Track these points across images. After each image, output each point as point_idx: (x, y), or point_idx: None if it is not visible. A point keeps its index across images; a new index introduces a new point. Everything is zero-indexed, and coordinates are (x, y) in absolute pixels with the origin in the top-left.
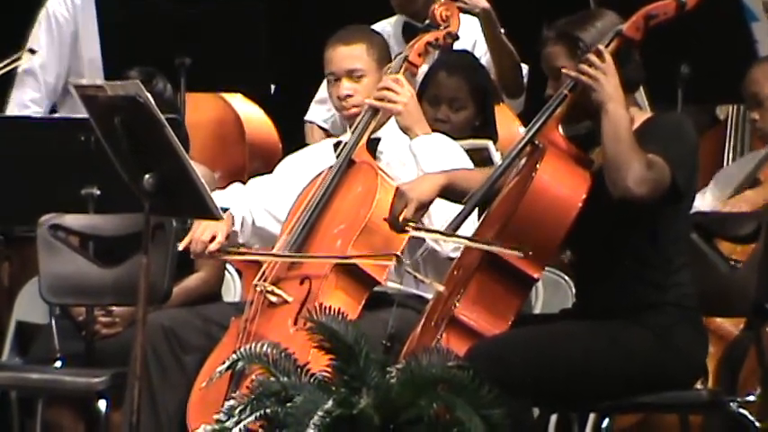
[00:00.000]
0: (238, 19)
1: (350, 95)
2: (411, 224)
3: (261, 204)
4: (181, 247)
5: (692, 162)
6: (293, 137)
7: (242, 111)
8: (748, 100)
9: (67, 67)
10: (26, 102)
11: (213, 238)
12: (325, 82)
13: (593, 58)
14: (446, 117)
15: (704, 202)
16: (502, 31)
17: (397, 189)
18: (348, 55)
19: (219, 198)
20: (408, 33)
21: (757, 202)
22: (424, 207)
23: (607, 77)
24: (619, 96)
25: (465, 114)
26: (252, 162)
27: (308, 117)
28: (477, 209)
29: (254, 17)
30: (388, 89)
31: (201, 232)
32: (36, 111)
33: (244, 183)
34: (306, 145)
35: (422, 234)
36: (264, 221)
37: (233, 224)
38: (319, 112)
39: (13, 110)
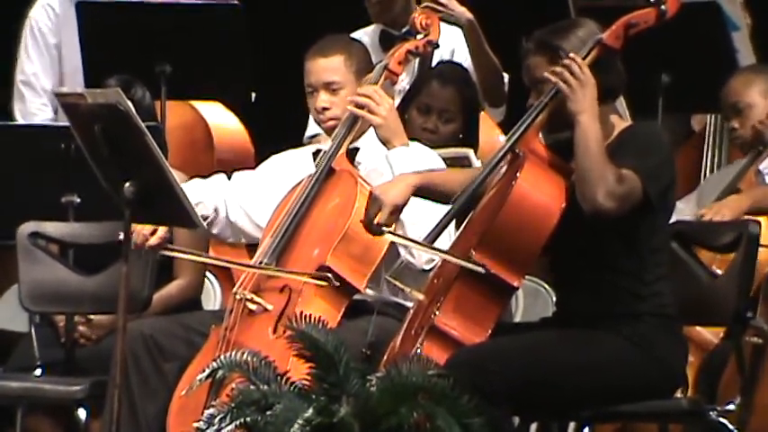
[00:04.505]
0: (218, 27)
1: (326, 108)
2: (385, 228)
3: (237, 199)
4: (121, 236)
5: (666, 174)
6: (272, 145)
7: (211, 118)
8: (727, 109)
9: (58, 76)
10: (32, 110)
11: (155, 232)
12: None
13: (572, 65)
14: (435, 127)
15: (688, 207)
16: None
17: (371, 193)
18: (325, 67)
19: (199, 186)
20: (386, 42)
21: (740, 208)
22: (397, 210)
23: (583, 89)
24: (592, 109)
25: (453, 127)
26: (221, 168)
27: (310, 132)
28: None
29: (235, 25)
30: (367, 97)
31: (143, 224)
32: (45, 117)
33: None
34: None
35: (397, 239)
36: (237, 216)
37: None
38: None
39: (21, 121)
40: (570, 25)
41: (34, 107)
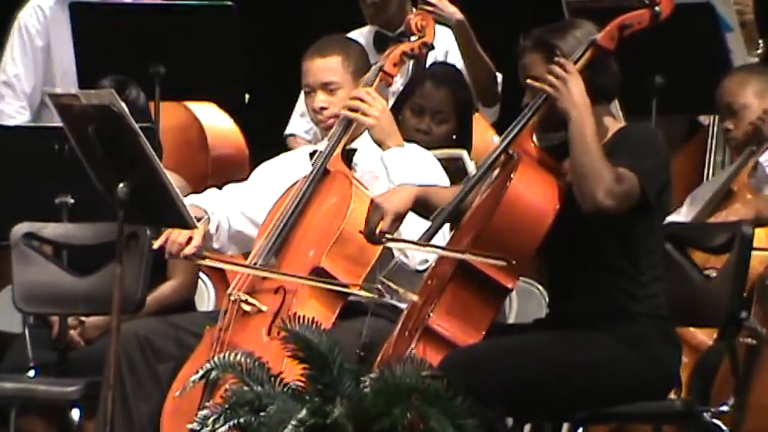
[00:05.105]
0: (213, 28)
1: (324, 108)
2: (388, 236)
3: (237, 208)
4: (155, 245)
5: (663, 175)
6: (267, 146)
7: (205, 119)
8: (721, 110)
9: (42, 79)
10: (10, 112)
11: (189, 240)
12: (302, 95)
13: (554, 67)
14: (428, 128)
15: (678, 218)
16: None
17: (372, 201)
18: (323, 67)
19: (194, 202)
20: (379, 43)
21: (747, 215)
22: (400, 218)
23: (569, 86)
24: (584, 104)
25: (446, 128)
26: (215, 170)
27: (289, 130)
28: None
29: (229, 26)
30: (360, 100)
31: (178, 233)
32: (23, 120)
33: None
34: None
35: (399, 245)
36: (241, 225)
37: (209, 227)
38: (300, 124)
39: None
40: (568, 25)
41: (12, 110)
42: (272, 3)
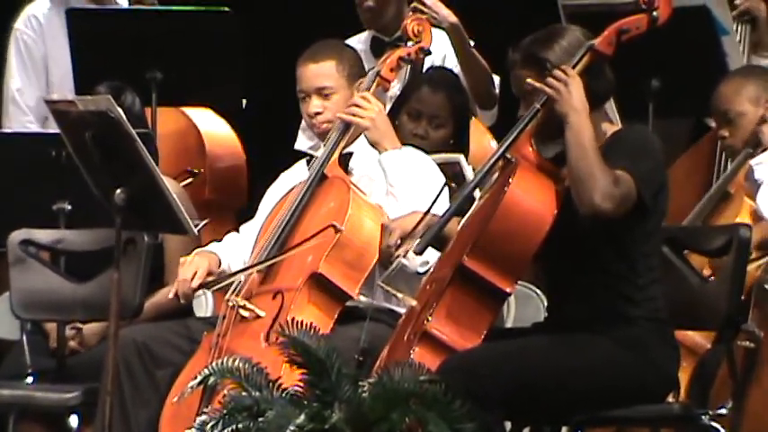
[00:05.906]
0: (209, 34)
1: (319, 113)
2: (402, 257)
3: None
4: (170, 295)
5: (658, 177)
6: (264, 152)
7: (202, 125)
8: (717, 117)
9: (45, 88)
10: (16, 128)
11: (195, 275)
12: None
13: (556, 71)
14: (425, 133)
15: None
16: (471, 43)
17: (383, 226)
18: (317, 73)
19: (210, 248)
20: (376, 48)
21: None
22: (405, 234)
23: (569, 89)
24: (583, 109)
25: (443, 132)
26: (213, 176)
27: (296, 146)
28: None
29: (226, 32)
30: (356, 106)
31: (183, 273)
32: None
33: (206, 195)
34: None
35: (409, 260)
36: None
37: (220, 265)
38: (302, 140)
39: None
40: (555, 34)
41: (19, 125)
42: (270, 7)
